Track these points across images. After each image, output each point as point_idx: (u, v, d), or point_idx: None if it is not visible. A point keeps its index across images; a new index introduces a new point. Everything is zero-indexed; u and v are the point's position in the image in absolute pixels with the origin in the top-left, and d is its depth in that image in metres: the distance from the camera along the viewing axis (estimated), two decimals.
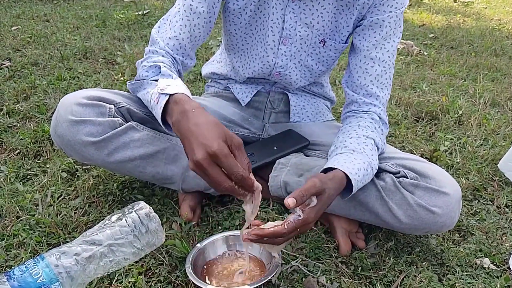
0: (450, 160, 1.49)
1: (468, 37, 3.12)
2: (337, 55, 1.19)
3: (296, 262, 1.01)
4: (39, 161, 1.38)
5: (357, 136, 1.04)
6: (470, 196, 1.32)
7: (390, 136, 1.65)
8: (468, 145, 1.59)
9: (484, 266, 1.05)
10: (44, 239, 1.05)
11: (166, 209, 1.18)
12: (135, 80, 1.06)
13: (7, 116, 1.64)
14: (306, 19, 1.11)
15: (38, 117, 1.64)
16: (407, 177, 1.02)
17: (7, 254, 1.01)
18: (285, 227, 0.82)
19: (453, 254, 1.08)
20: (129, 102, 1.11)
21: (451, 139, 1.64)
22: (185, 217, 1.11)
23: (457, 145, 1.60)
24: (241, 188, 0.81)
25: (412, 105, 1.91)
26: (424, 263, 1.04)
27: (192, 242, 1.06)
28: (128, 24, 2.91)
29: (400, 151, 1.15)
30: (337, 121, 1.41)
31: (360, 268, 1.02)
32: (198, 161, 0.78)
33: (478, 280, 1.01)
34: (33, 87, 1.87)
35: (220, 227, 1.13)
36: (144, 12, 3.06)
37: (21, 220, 1.11)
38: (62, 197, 1.21)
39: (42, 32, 2.65)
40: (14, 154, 1.42)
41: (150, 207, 1.00)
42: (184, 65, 1.11)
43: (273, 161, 1.18)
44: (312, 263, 1.02)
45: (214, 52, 2.29)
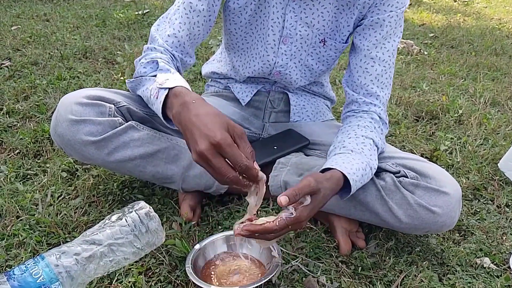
0: (450, 160, 1.49)
1: (468, 37, 3.12)
2: (338, 55, 1.19)
3: (296, 262, 1.01)
4: (39, 161, 1.38)
5: (356, 136, 1.04)
6: (470, 196, 1.32)
7: (390, 136, 1.65)
8: (468, 145, 1.59)
9: (485, 266, 1.05)
10: (44, 239, 1.05)
11: (166, 209, 1.18)
12: (134, 78, 1.06)
13: (7, 116, 1.64)
14: (307, 19, 1.10)
15: (38, 117, 1.64)
16: (407, 177, 1.02)
17: (7, 254, 1.01)
18: (277, 224, 0.81)
19: (454, 254, 1.08)
20: (129, 102, 1.11)
21: (451, 139, 1.64)
22: (185, 217, 1.11)
23: (457, 145, 1.60)
24: (246, 179, 0.80)
25: (412, 105, 1.91)
26: (425, 263, 1.04)
27: (192, 242, 1.06)
28: (128, 24, 2.91)
29: (400, 151, 1.15)
30: (337, 121, 1.41)
31: (360, 268, 1.02)
32: (202, 152, 0.77)
33: (479, 280, 1.01)
34: (33, 87, 1.87)
35: (220, 227, 1.13)
36: (144, 12, 3.06)
37: (21, 220, 1.11)
38: (62, 197, 1.21)
39: (42, 32, 2.65)
40: (14, 154, 1.42)
41: (150, 207, 1.00)
42: (183, 63, 1.11)
43: (273, 161, 1.17)
44: (312, 263, 1.02)
45: (214, 52, 2.29)
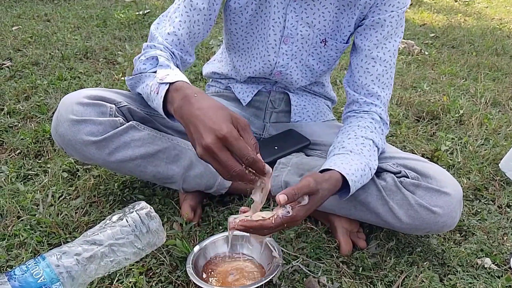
0: (451, 160, 1.49)
1: (469, 37, 3.12)
2: (338, 55, 1.19)
3: (297, 262, 1.01)
4: (40, 161, 1.38)
5: (356, 137, 1.04)
6: (471, 196, 1.32)
7: (391, 136, 1.65)
8: (469, 145, 1.59)
9: (485, 266, 1.04)
10: (45, 239, 1.05)
11: (167, 209, 1.18)
12: (133, 75, 1.05)
13: (8, 116, 1.64)
14: (308, 19, 1.10)
15: (39, 117, 1.64)
16: (408, 177, 1.02)
17: (8, 254, 1.01)
18: (272, 222, 0.81)
19: (454, 254, 1.08)
20: (130, 102, 1.11)
21: (452, 139, 1.64)
22: (186, 217, 1.11)
23: (458, 145, 1.60)
24: (252, 173, 0.79)
25: (413, 105, 1.91)
26: (425, 263, 1.04)
27: (193, 242, 1.06)
28: (129, 24, 2.91)
29: (401, 151, 1.15)
30: (338, 121, 1.41)
31: (361, 268, 1.02)
32: (208, 146, 0.76)
33: (479, 280, 1.00)
34: (34, 87, 1.87)
35: (221, 227, 1.13)
36: (145, 12, 3.06)
37: (22, 220, 1.11)
38: (63, 197, 1.21)
39: (43, 32, 2.65)
40: (15, 154, 1.42)
41: (151, 207, 1.00)
42: (183, 61, 1.10)
43: (274, 161, 1.17)
44: (313, 263, 1.02)
45: (215, 52, 2.29)
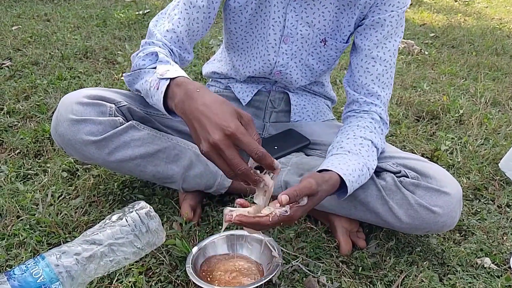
0: (451, 160, 1.49)
1: (469, 36, 3.12)
2: (338, 55, 1.19)
3: (297, 262, 1.01)
4: (40, 161, 1.38)
5: (354, 137, 1.04)
6: (471, 196, 1.32)
7: (391, 136, 1.65)
8: (469, 145, 1.59)
9: (485, 266, 1.05)
10: (45, 239, 1.05)
11: (167, 209, 1.18)
12: (132, 71, 1.03)
13: (8, 116, 1.64)
14: (308, 18, 1.10)
15: (39, 117, 1.64)
16: (408, 177, 1.02)
17: (8, 254, 1.01)
18: (269, 220, 0.81)
19: (454, 254, 1.08)
20: (130, 101, 1.11)
21: (452, 139, 1.64)
22: (186, 217, 1.11)
23: (458, 145, 1.60)
24: (255, 173, 0.78)
25: (413, 105, 1.91)
26: (425, 263, 1.04)
27: (193, 242, 1.06)
28: (129, 24, 2.91)
29: (401, 151, 1.15)
30: (338, 121, 1.41)
31: (361, 268, 1.02)
32: (216, 143, 0.75)
33: (479, 280, 1.00)
34: (34, 87, 1.87)
35: (221, 227, 1.13)
36: (145, 12, 3.06)
37: (22, 220, 1.11)
38: (63, 197, 1.21)
39: (43, 32, 2.65)
40: (15, 154, 1.42)
41: (151, 207, 1.00)
42: (182, 59, 1.09)
43: None
44: (313, 263, 1.02)
45: (215, 52, 2.29)
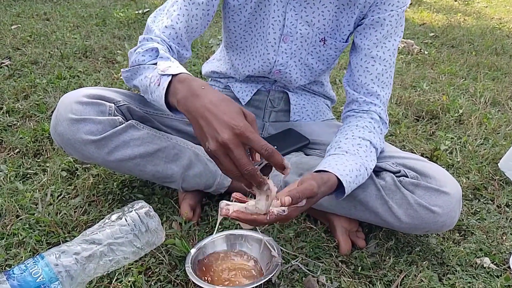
0: (451, 160, 1.49)
1: (469, 36, 3.12)
2: (338, 54, 1.19)
3: (296, 262, 1.01)
4: (39, 160, 1.38)
5: (353, 138, 1.04)
6: (471, 196, 1.32)
7: (391, 135, 1.65)
8: (469, 144, 1.59)
9: (485, 266, 1.05)
10: (44, 238, 1.05)
11: (166, 208, 1.18)
12: (130, 67, 1.02)
13: (7, 115, 1.64)
14: (307, 17, 1.10)
15: (38, 116, 1.64)
16: (408, 176, 1.02)
17: (7, 253, 1.01)
18: (267, 219, 0.81)
19: (453, 254, 1.08)
20: (129, 101, 1.11)
21: (452, 138, 1.64)
22: (185, 216, 1.11)
23: (458, 144, 1.60)
24: (264, 171, 0.78)
25: (413, 104, 1.91)
26: (424, 263, 1.04)
27: (192, 242, 1.06)
28: (128, 23, 2.91)
29: (401, 150, 1.15)
30: (337, 120, 1.41)
31: (360, 268, 1.02)
32: (225, 142, 0.74)
33: (478, 280, 1.00)
34: (33, 86, 1.87)
35: (220, 226, 1.13)
36: (144, 11, 3.05)
37: (21, 219, 1.11)
38: (62, 196, 1.21)
39: (42, 31, 2.65)
40: (14, 153, 1.41)
41: (150, 206, 1.00)
42: (180, 56, 1.08)
43: None
44: (312, 263, 1.02)
45: (215, 51, 2.29)
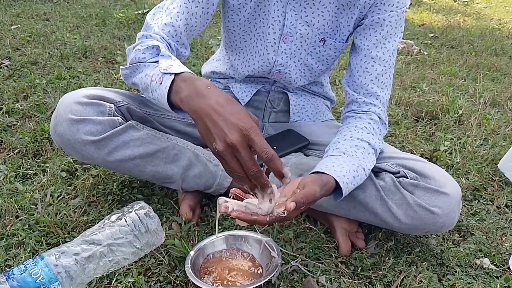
0: (450, 160, 1.49)
1: (468, 37, 3.12)
2: (337, 54, 1.19)
3: (296, 262, 1.01)
4: (39, 161, 1.38)
5: (351, 139, 1.04)
6: (470, 196, 1.32)
7: (390, 136, 1.65)
8: (468, 145, 1.59)
9: (484, 266, 1.05)
10: (44, 239, 1.05)
11: (166, 209, 1.18)
12: (130, 64, 1.01)
13: (7, 115, 1.64)
14: (307, 17, 1.10)
15: (38, 116, 1.64)
16: (407, 177, 1.02)
17: (7, 254, 1.01)
18: (267, 220, 0.82)
19: (453, 254, 1.08)
20: (129, 101, 1.11)
21: (451, 139, 1.64)
22: (185, 217, 1.11)
23: (457, 145, 1.60)
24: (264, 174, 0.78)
25: (412, 105, 1.91)
26: (424, 263, 1.04)
27: (192, 242, 1.06)
28: (128, 23, 2.91)
29: (400, 151, 1.15)
30: (337, 121, 1.41)
31: (360, 268, 1.02)
32: (233, 143, 0.74)
33: (478, 281, 1.00)
34: (33, 86, 1.87)
35: (220, 227, 1.13)
36: (144, 11, 3.06)
37: (21, 220, 1.10)
38: (62, 197, 1.21)
39: (42, 31, 2.65)
40: (14, 154, 1.41)
41: (150, 207, 1.00)
42: (179, 54, 1.08)
43: None
44: (312, 263, 1.02)
45: (214, 52, 2.29)
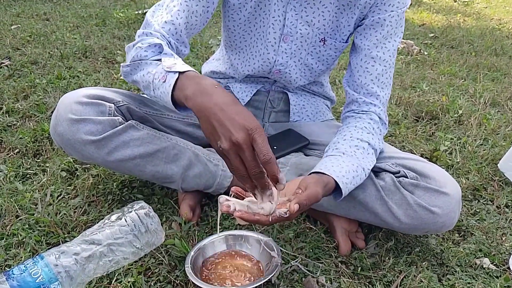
0: (450, 160, 1.49)
1: (468, 37, 3.12)
2: (337, 54, 1.19)
3: (296, 262, 1.01)
4: (39, 160, 1.38)
5: (351, 139, 1.04)
6: (470, 196, 1.32)
7: (390, 136, 1.65)
8: (468, 145, 1.59)
9: (484, 266, 1.05)
10: (44, 239, 1.05)
11: (166, 209, 1.18)
12: (131, 62, 1.00)
13: (7, 115, 1.64)
14: (307, 17, 1.10)
15: (38, 116, 1.64)
16: (407, 177, 1.02)
17: (7, 254, 1.01)
18: (269, 220, 0.82)
19: (453, 254, 1.08)
20: (129, 101, 1.11)
21: (451, 139, 1.64)
22: (185, 217, 1.11)
23: (457, 145, 1.60)
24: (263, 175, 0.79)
25: (412, 105, 1.91)
26: (424, 263, 1.04)
27: (192, 242, 1.06)
28: (128, 23, 2.91)
29: (400, 151, 1.15)
30: (337, 121, 1.41)
31: (360, 268, 1.02)
32: (239, 143, 0.75)
33: (478, 280, 1.00)
34: (33, 86, 1.87)
35: (220, 227, 1.13)
36: (144, 11, 3.06)
37: (21, 219, 1.10)
38: (62, 196, 1.21)
39: (42, 31, 2.65)
40: (14, 153, 1.41)
41: (150, 207, 1.00)
42: (178, 52, 1.07)
43: None
44: (312, 263, 1.02)
45: (214, 51, 2.29)
